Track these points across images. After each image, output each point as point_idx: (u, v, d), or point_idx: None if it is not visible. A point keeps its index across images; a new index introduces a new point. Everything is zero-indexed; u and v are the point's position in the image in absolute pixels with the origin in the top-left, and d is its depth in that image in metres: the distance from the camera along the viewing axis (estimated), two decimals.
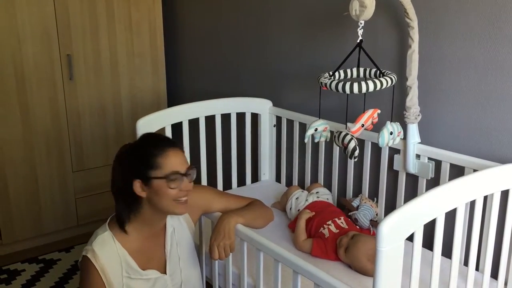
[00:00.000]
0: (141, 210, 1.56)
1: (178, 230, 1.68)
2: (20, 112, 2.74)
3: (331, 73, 1.82)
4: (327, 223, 1.89)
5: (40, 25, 2.72)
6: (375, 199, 2.07)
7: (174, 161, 1.53)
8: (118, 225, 1.57)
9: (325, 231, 1.86)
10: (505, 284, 1.63)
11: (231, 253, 1.64)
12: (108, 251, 1.53)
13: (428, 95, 1.87)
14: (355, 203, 2.06)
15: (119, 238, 1.56)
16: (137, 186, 1.52)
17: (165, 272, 1.64)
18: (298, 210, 2.04)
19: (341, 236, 1.80)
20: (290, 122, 2.43)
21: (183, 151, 1.59)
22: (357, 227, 1.93)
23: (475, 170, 1.66)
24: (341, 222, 1.89)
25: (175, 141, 1.62)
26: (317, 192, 2.13)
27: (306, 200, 2.07)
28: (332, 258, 1.81)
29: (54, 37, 2.77)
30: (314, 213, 1.97)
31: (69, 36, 2.81)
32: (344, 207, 2.10)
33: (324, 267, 1.74)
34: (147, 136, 1.63)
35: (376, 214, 2.03)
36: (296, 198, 2.10)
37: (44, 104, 2.80)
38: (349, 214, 2.01)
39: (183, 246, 1.70)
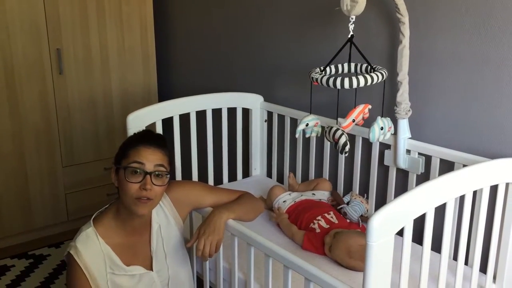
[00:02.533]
0: (118, 203, 1.57)
1: (165, 227, 1.67)
2: (9, 106, 2.72)
3: (322, 68, 1.82)
4: (317, 218, 1.89)
5: (29, 19, 2.69)
6: (365, 195, 2.08)
7: (140, 154, 1.50)
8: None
9: (315, 226, 1.87)
10: (494, 278, 1.65)
11: (220, 250, 1.63)
12: (91, 247, 1.52)
13: (419, 91, 1.88)
14: (345, 199, 2.07)
15: (103, 234, 1.55)
16: (112, 173, 1.57)
17: (151, 269, 1.63)
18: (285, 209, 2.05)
19: (325, 235, 1.81)
20: (281, 117, 2.43)
21: (162, 152, 1.55)
22: (348, 220, 1.94)
23: (464, 165, 1.67)
24: (331, 217, 1.90)
25: (160, 141, 1.58)
26: (313, 194, 2.11)
27: (294, 201, 2.06)
28: (321, 253, 1.82)
29: (43, 31, 2.74)
30: (287, 215, 1.98)
31: (59, 30, 2.79)
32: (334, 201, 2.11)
33: (315, 262, 1.75)
34: (143, 130, 1.65)
35: (367, 210, 2.04)
36: (284, 201, 2.07)
37: (33, 98, 2.78)
38: (338, 208, 2.02)
39: (171, 243, 1.68)
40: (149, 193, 1.49)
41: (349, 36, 1.73)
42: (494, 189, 1.51)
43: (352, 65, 1.84)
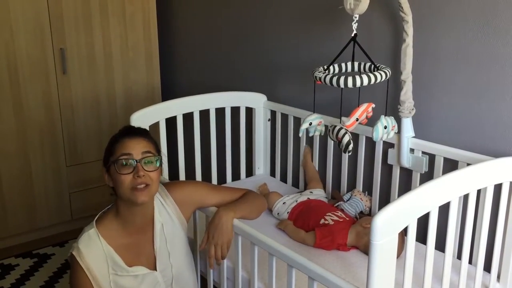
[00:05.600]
0: (118, 202, 1.57)
1: (168, 226, 1.66)
2: (13, 106, 2.72)
3: (325, 67, 1.82)
4: (327, 214, 1.90)
5: (33, 19, 2.69)
6: (366, 192, 2.08)
7: (126, 146, 1.51)
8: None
9: (328, 221, 1.87)
10: (498, 277, 1.64)
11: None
12: (93, 248, 1.52)
13: (422, 89, 1.88)
14: (346, 196, 2.07)
15: (105, 235, 1.55)
16: (104, 175, 1.56)
17: (155, 269, 1.63)
18: (288, 212, 2.04)
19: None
20: (284, 116, 2.43)
21: (147, 140, 1.56)
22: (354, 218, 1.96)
23: (468, 164, 1.67)
24: (340, 214, 1.91)
25: (142, 130, 1.60)
26: (310, 192, 2.12)
27: (296, 201, 2.07)
28: (336, 246, 1.82)
29: (47, 30, 2.75)
30: (292, 221, 1.98)
31: (62, 30, 2.80)
32: (334, 198, 2.11)
33: (319, 261, 1.75)
34: (123, 127, 1.65)
35: (368, 208, 2.04)
36: (283, 203, 2.08)
37: (37, 98, 2.79)
38: (336, 204, 2.03)
39: (174, 242, 1.68)
40: (144, 179, 1.49)
41: (353, 35, 1.73)
42: (498, 188, 1.51)
43: (356, 64, 1.84)
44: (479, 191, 1.48)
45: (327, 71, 1.79)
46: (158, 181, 1.56)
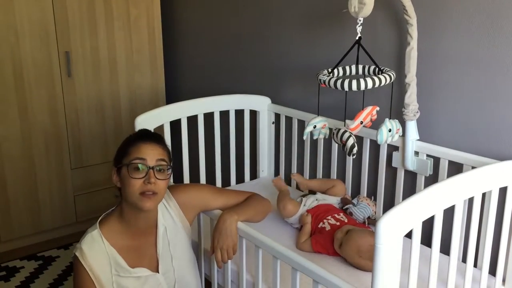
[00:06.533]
0: (122, 203, 1.57)
1: (171, 230, 1.67)
2: (19, 109, 2.74)
3: (330, 70, 1.82)
4: (327, 217, 1.90)
5: (38, 22, 2.71)
6: (373, 197, 2.08)
7: (141, 151, 1.51)
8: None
9: (325, 225, 1.87)
10: (503, 280, 1.64)
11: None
12: (96, 249, 1.53)
13: (427, 92, 1.88)
14: (353, 202, 2.07)
15: (108, 236, 1.56)
16: (114, 174, 1.57)
17: (157, 271, 1.64)
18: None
19: (337, 230, 1.81)
20: (288, 119, 2.43)
21: (162, 147, 1.56)
22: (356, 221, 1.95)
23: (473, 167, 1.66)
24: (341, 217, 1.91)
25: (159, 137, 1.60)
26: (324, 200, 2.11)
27: (316, 199, 2.06)
28: (331, 253, 1.81)
29: (52, 34, 2.76)
30: (310, 214, 1.97)
31: (68, 33, 2.81)
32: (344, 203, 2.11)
33: (323, 263, 1.75)
34: (139, 130, 1.66)
35: (375, 213, 2.04)
36: (304, 205, 2.05)
37: (42, 101, 2.80)
38: (345, 207, 2.02)
39: (177, 245, 1.68)
40: (154, 187, 1.49)
41: (357, 38, 1.73)
42: (503, 191, 1.51)
43: (360, 67, 1.85)
44: (484, 194, 1.48)
45: (331, 74, 1.80)
46: (165, 190, 1.57)
